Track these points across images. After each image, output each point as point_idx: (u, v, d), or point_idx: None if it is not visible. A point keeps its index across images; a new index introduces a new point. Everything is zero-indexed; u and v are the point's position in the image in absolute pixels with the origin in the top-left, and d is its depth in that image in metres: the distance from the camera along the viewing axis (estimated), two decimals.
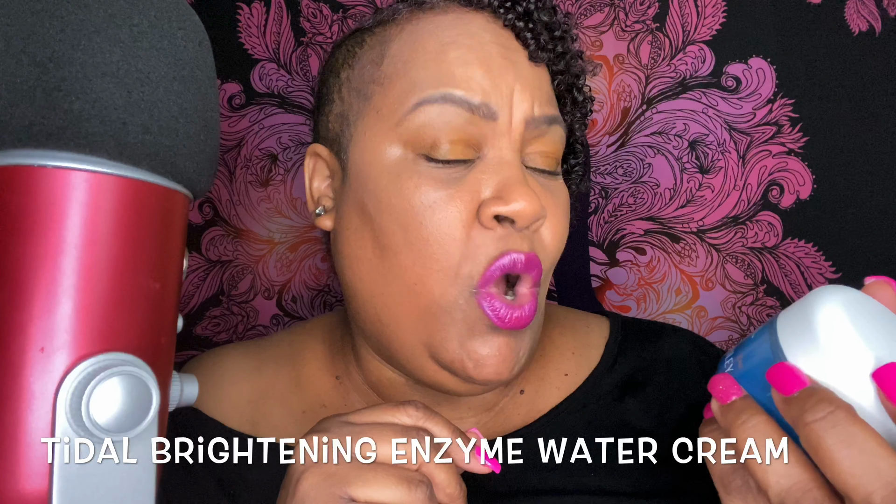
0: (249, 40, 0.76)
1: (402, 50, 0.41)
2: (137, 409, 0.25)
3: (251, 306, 0.78)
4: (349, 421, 0.33)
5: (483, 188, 0.38)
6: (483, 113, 0.39)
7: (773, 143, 0.76)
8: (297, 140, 0.77)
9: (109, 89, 0.24)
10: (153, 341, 0.27)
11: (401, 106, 0.39)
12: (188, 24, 0.28)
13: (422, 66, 0.40)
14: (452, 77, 0.39)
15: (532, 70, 0.41)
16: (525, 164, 0.41)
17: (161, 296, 0.27)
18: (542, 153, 0.41)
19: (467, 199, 0.38)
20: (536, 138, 0.41)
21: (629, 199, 0.77)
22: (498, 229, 0.38)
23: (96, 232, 0.25)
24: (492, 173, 0.39)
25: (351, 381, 0.49)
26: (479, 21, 0.41)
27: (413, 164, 0.39)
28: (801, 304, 0.31)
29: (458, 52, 0.40)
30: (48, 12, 0.24)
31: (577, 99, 0.46)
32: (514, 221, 0.38)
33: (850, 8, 0.75)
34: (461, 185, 0.39)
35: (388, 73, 0.41)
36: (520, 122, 0.40)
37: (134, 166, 0.26)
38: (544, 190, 0.41)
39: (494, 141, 0.39)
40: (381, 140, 0.40)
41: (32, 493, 0.24)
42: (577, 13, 0.77)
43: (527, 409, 0.47)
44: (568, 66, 0.44)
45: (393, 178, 0.39)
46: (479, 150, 0.39)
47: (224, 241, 0.77)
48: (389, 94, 0.40)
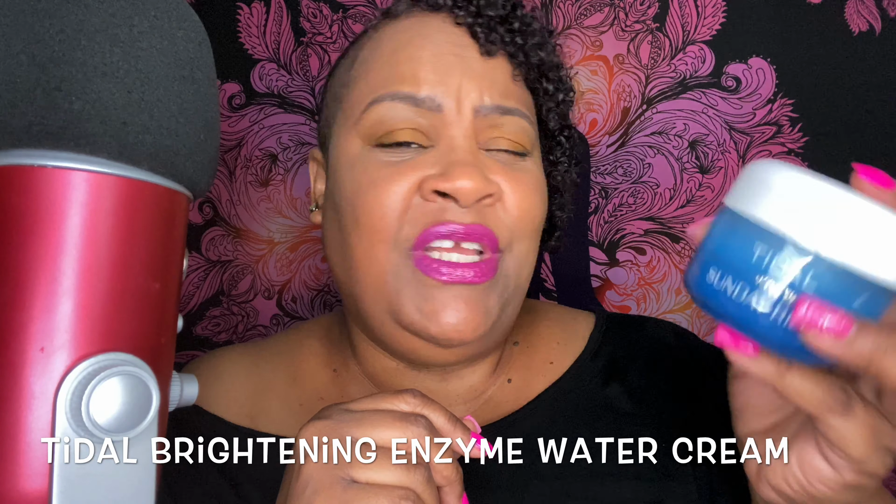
0: (249, 40, 0.76)
1: (366, 55, 0.46)
2: (137, 409, 0.25)
3: (251, 306, 0.78)
4: (349, 408, 0.34)
5: (429, 168, 0.41)
6: (429, 105, 0.42)
7: (773, 143, 0.76)
8: (297, 140, 0.77)
9: (109, 89, 0.24)
10: (153, 341, 0.27)
11: (359, 105, 0.44)
12: (188, 24, 0.28)
13: (378, 68, 0.44)
14: (401, 76, 0.43)
15: (485, 64, 0.44)
16: (488, 147, 0.43)
17: (161, 296, 0.27)
18: (505, 139, 0.44)
19: (410, 175, 0.41)
20: (493, 127, 0.43)
21: (629, 199, 0.77)
22: (440, 202, 0.40)
23: (96, 232, 0.25)
24: (440, 156, 0.41)
25: (349, 373, 0.50)
26: (436, 22, 0.45)
27: (368, 152, 0.43)
28: (751, 184, 0.26)
29: (409, 51, 0.44)
30: (48, 12, 0.24)
31: (547, 88, 0.47)
32: (457, 200, 0.40)
33: (850, 8, 0.75)
34: (407, 163, 0.41)
35: (354, 76, 0.46)
36: (469, 112, 0.42)
37: (134, 166, 0.26)
38: (506, 168, 0.43)
39: (444, 130, 0.42)
40: (346, 137, 0.44)
41: (32, 492, 0.24)
42: (577, 13, 0.77)
43: (515, 397, 0.48)
44: (527, 57, 0.45)
45: (350, 167, 0.43)
46: (432, 139, 0.42)
47: (224, 241, 0.77)
48: (353, 95, 0.45)
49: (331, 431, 0.32)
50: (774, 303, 0.24)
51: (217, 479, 0.45)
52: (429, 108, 0.42)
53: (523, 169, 0.44)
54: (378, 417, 0.33)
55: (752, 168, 0.26)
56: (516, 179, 0.43)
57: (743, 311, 0.25)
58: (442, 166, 0.41)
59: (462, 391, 0.48)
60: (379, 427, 0.32)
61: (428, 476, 0.32)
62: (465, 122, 0.42)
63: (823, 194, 0.23)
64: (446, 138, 0.42)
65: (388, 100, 0.42)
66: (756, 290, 0.24)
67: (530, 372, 0.50)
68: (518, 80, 0.46)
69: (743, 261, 0.24)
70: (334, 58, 0.78)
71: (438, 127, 0.42)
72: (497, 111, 0.43)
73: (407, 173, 0.41)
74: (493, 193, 0.41)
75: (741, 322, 0.25)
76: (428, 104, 0.42)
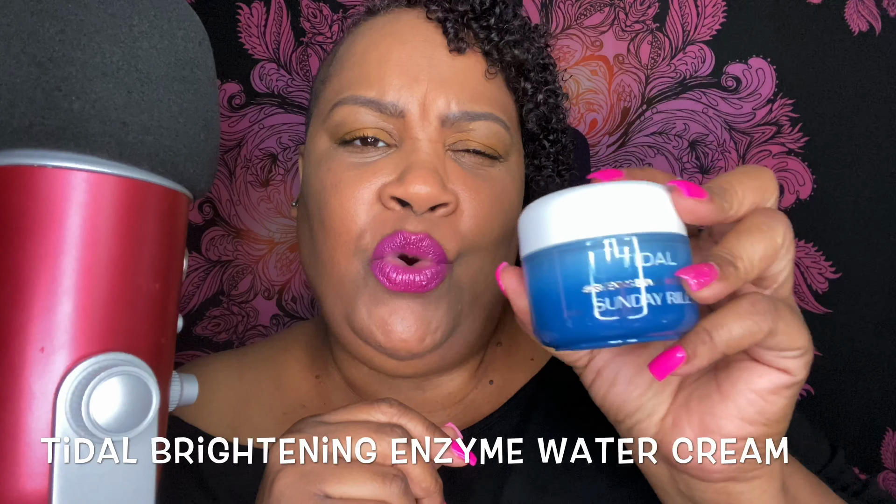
0: (249, 40, 0.76)
1: (342, 52, 0.46)
2: (137, 409, 0.25)
3: (251, 306, 0.78)
4: (324, 420, 0.34)
5: (390, 172, 0.41)
6: (391, 111, 0.41)
7: (773, 143, 0.76)
8: (297, 140, 0.77)
9: (109, 89, 0.24)
10: (153, 341, 0.27)
11: (328, 104, 0.44)
12: (188, 24, 0.28)
13: (349, 68, 0.44)
14: (367, 79, 0.42)
15: (454, 63, 0.43)
16: (457, 148, 0.43)
17: (161, 296, 0.27)
18: (475, 142, 0.43)
19: (371, 181, 0.41)
20: (461, 132, 0.42)
21: None
22: (398, 210, 0.40)
23: (96, 232, 0.25)
24: (401, 159, 0.41)
25: (331, 381, 0.50)
26: (409, 18, 0.44)
27: (332, 151, 0.43)
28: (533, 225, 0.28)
29: (378, 51, 0.43)
30: (48, 12, 0.24)
31: (525, 88, 0.46)
32: (412, 206, 0.40)
33: (850, 8, 0.75)
34: (369, 167, 0.41)
35: (329, 73, 0.46)
36: (435, 118, 0.41)
37: (134, 166, 0.26)
38: (467, 176, 0.42)
39: (408, 133, 0.42)
40: (316, 134, 0.45)
41: (32, 493, 0.24)
42: (577, 13, 0.77)
43: (496, 398, 0.48)
44: (501, 54, 0.44)
45: (318, 165, 0.44)
46: (396, 141, 0.42)
47: (224, 241, 0.77)
48: (325, 94, 0.45)
49: (304, 444, 0.31)
50: (649, 290, 0.25)
51: (197, 493, 0.44)
52: (391, 114, 0.41)
53: (488, 177, 0.43)
54: (352, 429, 0.32)
55: (530, 213, 0.28)
56: (476, 189, 0.42)
57: (632, 316, 0.25)
58: (401, 171, 0.40)
59: (440, 398, 0.48)
60: (354, 439, 0.32)
61: (405, 488, 0.31)
62: (431, 127, 0.42)
63: (599, 195, 0.26)
64: (410, 140, 0.42)
65: (352, 103, 0.42)
66: (624, 292, 0.25)
67: (511, 371, 0.49)
68: (494, 79, 0.44)
69: (591, 277, 0.25)
70: None
71: (402, 130, 0.42)
72: (465, 117, 0.42)
73: (369, 178, 0.41)
74: (448, 203, 0.40)
75: (639, 327, 0.25)
76: (391, 110, 0.41)
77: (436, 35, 0.43)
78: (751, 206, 0.28)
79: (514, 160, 0.45)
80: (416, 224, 0.40)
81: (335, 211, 0.41)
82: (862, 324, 0.76)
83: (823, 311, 0.76)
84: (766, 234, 0.27)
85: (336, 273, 0.42)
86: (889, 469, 0.76)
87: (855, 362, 0.76)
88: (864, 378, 0.76)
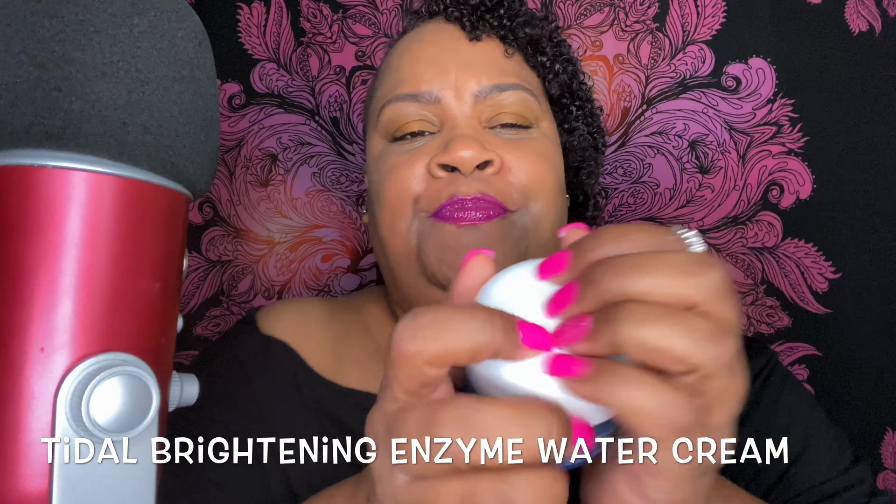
0: (249, 40, 0.76)
1: (383, 68, 0.53)
2: (137, 409, 0.25)
3: (251, 306, 0.78)
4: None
5: (436, 149, 0.46)
6: (428, 100, 0.48)
7: (773, 143, 0.76)
8: (297, 140, 0.77)
9: (109, 89, 0.24)
10: (153, 341, 0.27)
11: (376, 110, 0.51)
12: (188, 24, 0.28)
13: (388, 76, 0.51)
14: (404, 79, 0.49)
15: (476, 49, 0.49)
16: (492, 124, 0.48)
17: (161, 296, 0.27)
18: (506, 114, 0.48)
19: (420, 159, 0.46)
20: (495, 105, 0.48)
21: (629, 199, 0.77)
22: (446, 177, 0.45)
23: (96, 232, 0.25)
24: (443, 137, 0.46)
25: None
26: (433, 25, 0.52)
27: (386, 148, 0.49)
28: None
29: (410, 55, 0.50)
30: (48, 12, 0.24)
31: (542, 62, 0.52)
32: (460, 169, 0.44)
33: (850, 8, 0.75)
34: (417, 151, 0.47)
35: (374, 88, 0.54)
36: (469, 97, 0.47)
37: (134, 166, 0.26)
38: (507, 142, 0.47)
39: (446, 115, 0.48)
40: (372, 138, 0.52)
41: (32, 493, 0.24)
42: (577, 13, 0.77)
43: None
44: (515, 34, 0.51)
45: (375, 163, 0.50)
46: (438, 126, 0.48)
47: (224, 241, 0.77)
48: (373, 104, 0.52)
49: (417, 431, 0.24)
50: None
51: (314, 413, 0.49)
52: (428, 101, 0.47)
53: (527, 139, 0.48)
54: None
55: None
56: (519, 149, 0.46)
57: None
58: (444, 144, 0.45)
59: None
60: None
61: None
62: (466, 106, 0.47)
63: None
64: (449, 120, 0.47)
65: (395, 101, 0.48)
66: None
67: None
68: (513, 57, 0.51)
69: None
70: (334, 58, 0.78)
71: (441, 114, 0.48)
72: (495, 90, 0.47)
73: (419, 158, 0.46)
74: (492, 161, 0.44)
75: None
76: (428, 98, 0.47)
77: (456, 31, 0.50)
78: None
79: (546, 126, 0.51)
80: (468, 185, 0.44)
81: (391, 190, 0.46)
82: (862, 324, 0.76)
83: (823, 311, 0.76)
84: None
85: (399, 238, 0.46)
86: (889, 469, 0.75)
87: (855, 362, 0.76)
88: (864, 378, 0.76)
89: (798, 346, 0.77)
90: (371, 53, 0.78)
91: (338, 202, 0.79)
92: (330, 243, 0.79)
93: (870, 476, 0.47)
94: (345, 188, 0.79)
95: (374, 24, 0.78)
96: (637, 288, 0.22)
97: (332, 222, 0.79)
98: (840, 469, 0.46)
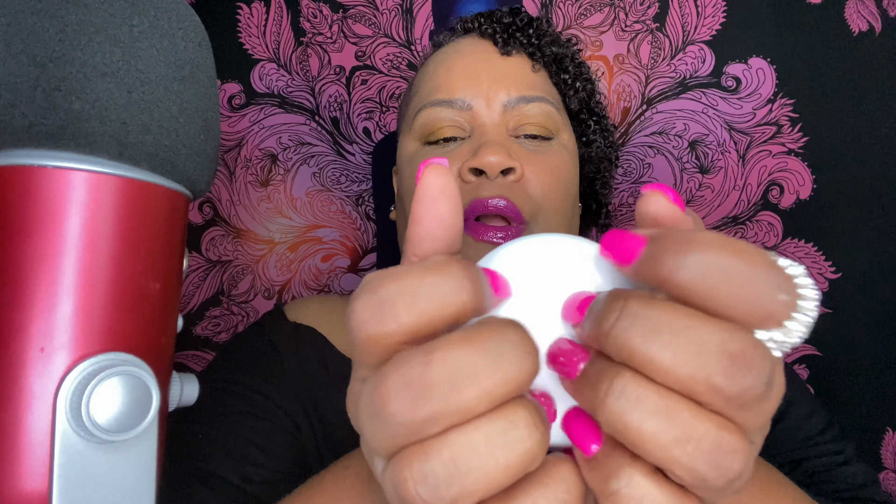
0: (249, 40, 0.76)
1: (419, 78, 0.57)
2: (137, 409, 0.25)
3: (251, 306, 0.78)
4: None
5: (466, 155, 0.49)
6: (461, 105, 0.51)
7: (773, 143, 0.76)
8: (297, 140, 0.77)
9: (109, 89, 0.24)
10: (153, 341, 0.27)
11: (412, 114, 0.54)
12: (188, 24, 0.28)
13: (424, 84, 0.55)
14: (439, 87, 0.53)
15: (507, 63, 0.53)
16: (517, 133, 0.51)
17: (161, 296, 0.27)
18: (531, 125, 0.51)
19: (452, 163, 0.49)
20: (521, 115, 0.51)
21: (629, 199, 0.77)
22: (474, 181, 0.48)
23: (96, 232, 0.25)
24: (473, 143, 0.50)
25: None
26: (468, 39, 0.56)
27: (420, 150, 0.53)
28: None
29: (445, 65, 0.54)
30: (48, 12, 0.24)
31: (565, 79, 0.57)
32: (486, 173, 0.47)
33: (850, 8, 0.75)
34: (449, 155, 0.50)
35: (410, 95, 0.57)
36: (498, 106, 0.51)
37: (134, 166, 0.26)
38: (529, 152, 0.50)
39: (477, 122, 0.51)
40: (405, 141, 0.55)
41: (32, 493, 0.24)
42: (577, 13, 0.77)
43: None
44: (542, 51, 0.55)
45: (407, 164, 0.53)
46: (468, 131, 0.51)
47: (224, 241, 0.77)
48: (409, 110, 0.56)
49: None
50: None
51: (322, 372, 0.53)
52: (461, 108, 0.51)
53: (547, 152, 0.51)
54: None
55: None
56: (537, 162, 0.50)
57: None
58: (474, 149, 0.48)
59: None
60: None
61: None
62: (495, 114, 0.51)
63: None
64: (479, 127, 0.51)
65: (430, 106, 0.52)
66: None
67: None
68: (539, 73, 0.55)
69: None
70: (334, 58, 0.78)
71: (472, 121, 0.51)
72: (522, 101, 0.51)
73: (451, 162, 0.49)
74: (515, 169, 0.47)
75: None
76: (461, 105, 0.51)
77: (489, 47, 0.55)
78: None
79: (565, 138, 0.54)
80: (490, 189, 0.47)
81: None
82: (862, 324, 0.76)
83: (823, 311, 0.76)
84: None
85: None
86: (889, 469, 0.75)
87: (855, 362, 0.76)
88: (864, 378, 0.76)
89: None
90: (371, 53, 0.78)
91: (338, 202, 0.79)
92: (330, 243, 0.79)
93: (853, 449, 0.51)
94: (345, 188, 0.79)
95: (374, 24, 0.78)
96: (646, 357, 0.18)
97: (332, 222, 0.79)
98: (827, 437, 0.51)
